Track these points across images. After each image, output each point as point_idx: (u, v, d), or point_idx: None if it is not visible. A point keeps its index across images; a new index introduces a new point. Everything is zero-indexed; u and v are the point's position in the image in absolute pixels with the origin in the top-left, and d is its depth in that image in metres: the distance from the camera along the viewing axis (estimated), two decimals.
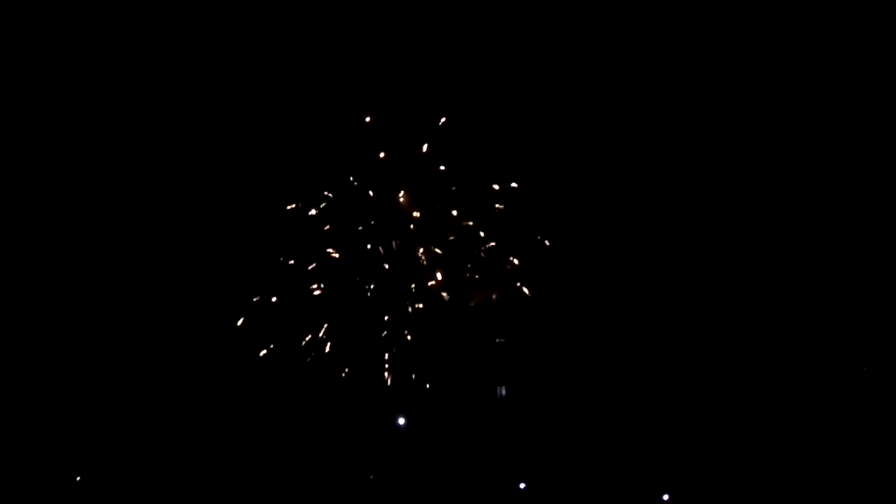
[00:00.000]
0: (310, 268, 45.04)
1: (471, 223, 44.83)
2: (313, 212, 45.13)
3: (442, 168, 44.77)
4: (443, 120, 44.94)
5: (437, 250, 44.63)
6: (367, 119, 45.02)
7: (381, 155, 45.05)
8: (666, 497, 44.01)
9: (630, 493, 44.15)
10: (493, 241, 44.94)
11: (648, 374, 44.95)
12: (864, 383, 44.07)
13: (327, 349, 44.91)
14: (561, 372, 45.15)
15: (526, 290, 45.00)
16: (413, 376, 44.84)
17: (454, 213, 44.89)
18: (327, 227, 45.13)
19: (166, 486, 44.77)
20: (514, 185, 44.84)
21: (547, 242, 44.66)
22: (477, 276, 45.05)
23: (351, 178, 45.26)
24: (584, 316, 45.41)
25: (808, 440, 43.87)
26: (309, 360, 44.91)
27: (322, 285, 45.12)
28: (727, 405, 44.48)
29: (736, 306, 44.99)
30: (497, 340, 45.53)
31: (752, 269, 45.21)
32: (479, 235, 44.94)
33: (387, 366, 44.75)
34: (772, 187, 45.24)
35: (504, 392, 45.32)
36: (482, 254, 44.69)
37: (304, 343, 44.85)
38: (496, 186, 44.80)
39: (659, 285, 45.41)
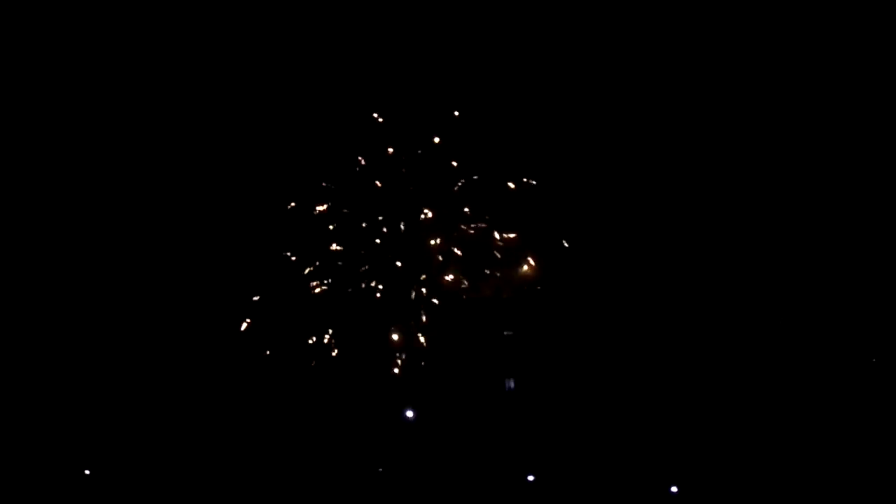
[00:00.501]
0: (317, 265, 45.10)
1: (486, 218, 45.02)
2: (322, 208, 45.19)
3: (454, 164, 44.92)
4: (456, 114, 45.13)
5: (457, 251, 44.75)
6: (375, 115, 45.07)
7: (390, 150, 45.12)
8: (674, 489, 44.10)
9: (638, 485, 44.23)
10: (505, 236, 45.09)
11: (657, 368, 45.02)
12: (866, 381, 44.22)
13: (337, 342, 45.01)
14: (570, 365, 45.21)
15: (537, 286, 45.17)
16: (421, 368, 44.90)
17: (466, 210, 45.04)
18: (332, 225, 45.18)
19: (176, 484, 44.81)
20: (532, 182, 45.05)
21: (566, 244, 44.83)
22: (488, 271, 45.19)
23: (358, 174, 45.31)
24: (594, 309, 45.49)
25: (815, 434, 44.02)
26: (319, 353, 45.04)
27: (330, 281, 45.16)
28: (735, 398, 44.54)
29: (746, 302, 45.10)
30: (505, 333, 45.59)
31: (761, 267, 45.38)
32: (492, 232, 45.08)
33: (397, 359, 44.84)
34: (790, 191, 45.45)
35: (512, 385, 45.39)
36: (497, 253, 44.85)
37: (314, 338, 44.96)
38: (511, 185, 44.98)
39: (668, 281, 45.50)
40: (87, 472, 45.04)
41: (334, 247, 45.25)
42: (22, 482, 44.25)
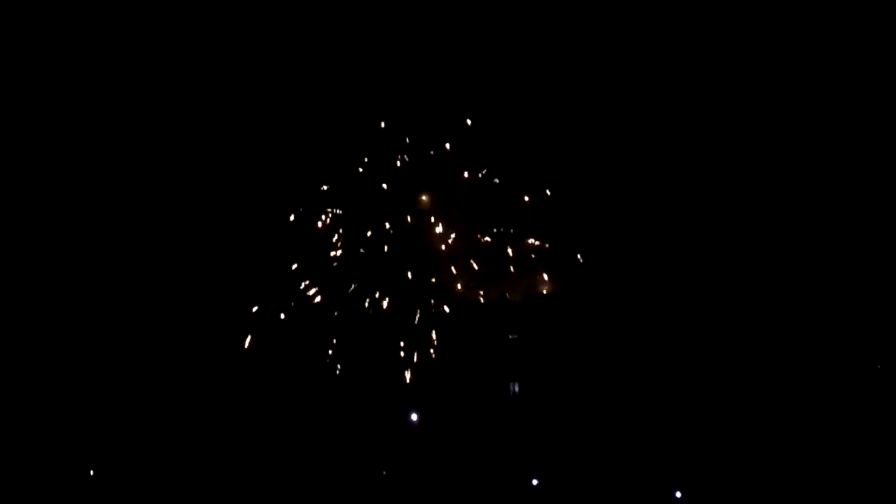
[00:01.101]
0: (326, 273, 45.15)
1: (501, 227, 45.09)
2: (335, 213, 45.21)
3: (465, 174, 45.01)
4: (469, 122, 45.17)
5: (467, 258, 44.80)
6: (382, 124, 45.09)
7: (399, 160, 45.16)
8: (678, 494, 44.22)
9: (642, 490, 44.35)
10: (516, 240, 45.23)
11: (660, 373, 45.12)
12: (868, 383, 44.40)
13: (346, 347, 45.10)
14: (573, 369, 45.28)
15: (543, 290, 45.25)
16: (426, 372, 44.97)
17: (477, 218, 45.13)
18: (338, 234, 45.21)
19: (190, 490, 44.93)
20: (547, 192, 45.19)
21: (580, 257, 44.98)
22: (495, 276, 45.30)
23: (368, 183, 45.34)
24: (597, 313, 45.56)
25: (817, 438, 44.21)
26: (328, 357, 45.13)
27: (339, 289, 45.20)
28: (739, 404, 44.68)
29: (749, 307, 45.25)
30: (510, 337, 45.64)
31: (765, 270, 45.54)
32: (504, 240, 45.21)
33: (408, 365, 44.92)
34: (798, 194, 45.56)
35: (517, 388, 45.44)
36: (511, 266, 44.96)
37: (323, 343, 45.06)
38: (526, 198, 45.09)
39: (672, 286, 45.61)
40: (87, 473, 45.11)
41: (338, 253, 45.34)
42: (22, 482, 44.21)
